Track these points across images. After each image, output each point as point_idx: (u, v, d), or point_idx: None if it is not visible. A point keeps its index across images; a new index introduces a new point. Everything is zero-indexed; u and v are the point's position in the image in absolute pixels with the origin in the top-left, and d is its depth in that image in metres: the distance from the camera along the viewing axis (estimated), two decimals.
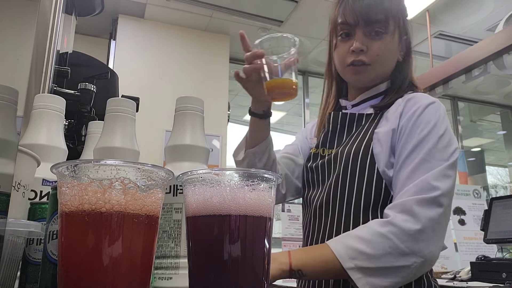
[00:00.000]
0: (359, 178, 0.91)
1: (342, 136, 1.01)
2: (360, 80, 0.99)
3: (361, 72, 0.96)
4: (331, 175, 0.97)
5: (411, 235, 0.79)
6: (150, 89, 3.71)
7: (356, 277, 0.78)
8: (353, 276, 0.78)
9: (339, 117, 1.02)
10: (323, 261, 0.82)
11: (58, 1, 1.17)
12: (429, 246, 0.80)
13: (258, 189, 0.47)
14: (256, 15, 3.89)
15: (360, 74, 0.97)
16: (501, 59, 2.56)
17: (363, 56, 0.94)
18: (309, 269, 0.82)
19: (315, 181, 1.03)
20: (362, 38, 0.94)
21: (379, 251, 0.79)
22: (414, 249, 0.79)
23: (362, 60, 0.95)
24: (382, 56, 0.95)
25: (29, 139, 0.71)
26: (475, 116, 6.23)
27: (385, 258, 0.79)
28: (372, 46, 0.94)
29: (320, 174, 1.01)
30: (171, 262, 0.57)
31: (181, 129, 0.65)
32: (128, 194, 0.41)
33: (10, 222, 0.50)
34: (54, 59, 1.15)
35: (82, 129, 1.19)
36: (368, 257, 0.79)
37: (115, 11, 3.84)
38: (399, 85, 0.99)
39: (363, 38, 0.94)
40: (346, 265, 0.79)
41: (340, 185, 0.94)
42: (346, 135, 1.00)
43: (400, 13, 0.97)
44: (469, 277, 2.08)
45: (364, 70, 0.96)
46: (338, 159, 0.95)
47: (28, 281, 0.56)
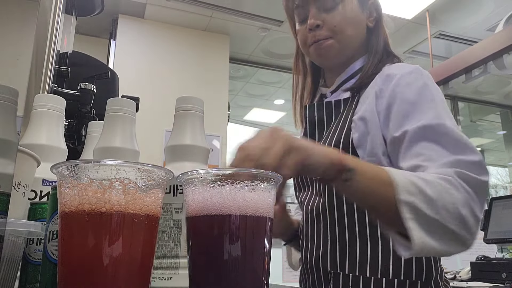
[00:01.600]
0: None
1: (323, 129, 0.93)
2: (326, 57, 0.93)
3: (323, 48, 0.91)
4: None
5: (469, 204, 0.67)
6: (150, 89, 3.71)
7: (407, 216, 0.62)
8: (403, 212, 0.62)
9: (315, 109, 0.95)
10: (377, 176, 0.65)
11: (58, 1, 1.17)
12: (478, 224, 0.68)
13: (258, 189, 0.47)
14: (256, 15, 3.89)
15: (324, 50, 0.91)
16: (501, 59, 2.56)
17: (321, 31, 0.90)
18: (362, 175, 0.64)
19: (305, 182, 0.96)
20: (315, 14, 0.91)
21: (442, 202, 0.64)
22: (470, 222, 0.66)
23: (321, 35, 0.90)
24: (340, 25, 0.90)
25: (29, 139, 0.71)
26: (475, 116, 6.23)
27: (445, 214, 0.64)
28: (327, 19, 0.90)
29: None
30: (171, 262, 0.57)
31: (181, 129, 0.65)
32: (128, 194, 0.41)
33: (10, 222, 0.50)
34: (54, 59, 1.15)
35: (82, 129, 1.19)
36: (427, 201, 0.64)
37: (115, 11, 3.84)
38: (373, 53, 0.92)
39: (316, 14, 0.91)
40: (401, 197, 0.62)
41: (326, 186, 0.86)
42: (326, 127, 0.92)
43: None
44: (469, 277, 2.08)
45: (326, 46, 0.91)
46: None
47: (28, 281, 0.56)
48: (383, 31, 0.96)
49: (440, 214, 0.64)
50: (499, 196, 2.33)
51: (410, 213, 0.62)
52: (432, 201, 0.64)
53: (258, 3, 3.73)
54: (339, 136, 0.85)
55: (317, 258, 0.88)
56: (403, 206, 0.62)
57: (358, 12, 0.92)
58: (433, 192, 0.64)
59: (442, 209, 0.64)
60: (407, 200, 0.63)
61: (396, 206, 0.63)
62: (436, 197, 0.64)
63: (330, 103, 0.93)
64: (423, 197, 0.64)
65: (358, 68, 0.94)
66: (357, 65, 0.94)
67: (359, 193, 0.66)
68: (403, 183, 0.64)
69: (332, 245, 0.85)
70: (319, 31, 0.90)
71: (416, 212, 0.63)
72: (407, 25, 3.99)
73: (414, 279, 0.80)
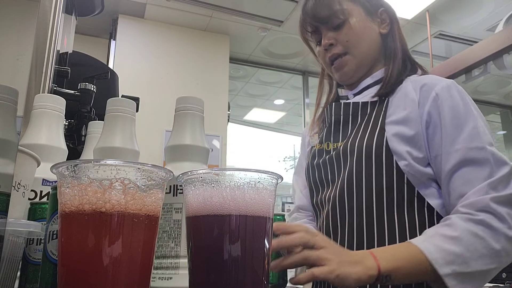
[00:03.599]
0: (377, 174, 0.85)
1: (347, 128, 0.95)
2: (346, 73, 0.97)
3: (341, 65, 0.95)
4: (341, 172, 0.91)
5: (503, 233, 0.74)
6: (150, 89, 3.71)
7: (452, 283, 0.70)
8: (449, 283, 0.70)
9: (341, 108, 0.96)
10: (414, 264, 0.72)
11: (58, 1, 1.16)
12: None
13: (258, 189, 0.47)
14: (256, 15, 3.88)
15: (342, 67, 0.96)
16: (501, 59, 2.56)
17: (336, 49, 0.95)
18: (399, 274, 0.71)
19: (324, 180, 0.96)
20: (328, 34, 0.95)
21: (475, 253, 0.72)
22: (508, 250, 0.74)
23: (336, 53, 0.95)
24: (352, 39, 0.94)
25: (29, 139, 0.71)
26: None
27: (481, 261, 0.72)
28: (338, 36, 0.94)
29: (329, 171, 0.94)
30: (171, 262, 0.57)
31: (181, 129, 0.65)
32: (128, 194, 0.41)
33: (10, 222, 0.50)
34: (54, 59, 1.15)
35: (82, 129, 1.19)
36: (464, 261, 0.71)
37: (115, 11, 3.84)
38: (392, 57, 0.96)
39: (329, 34, 0.95)
40: (443, 271, 0.70)
41: (356, 183, 0.87)
42: (351, 127, 0.94)
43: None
44: None
45: (343, 62, 0.95)
46: (348, 153, 0.89)
47: (28, 281, 0.56)
48: (400, 36, 0.99)
49: (478, 265, 0.72)
50: None
51: (454, 281, 0.71)
52: (467, 259, 0.72)
53: (258, 3, 3.73)
54: (371, 136, 0.88)
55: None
56: (446, 278, 0.70)
57: (367, 22, 0.96)
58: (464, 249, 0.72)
59: (479, 260, 0.72)
60: (449, 272, 0.71)
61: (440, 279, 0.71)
62: (470, 253, 0.72)
63: (357, 104, 0.95)
64: (459, 259, 0.71)
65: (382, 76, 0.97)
66: (381, 72, 0.98)
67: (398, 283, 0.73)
68: (438, 257, 0.71)
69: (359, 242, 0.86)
70: (334, 49, 0.95)
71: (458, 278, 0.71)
72: (407, 25, 3.99)
73: None
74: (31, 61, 1.07)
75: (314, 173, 0.99)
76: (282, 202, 3.55)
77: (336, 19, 0.94)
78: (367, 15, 0.96)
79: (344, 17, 0.94)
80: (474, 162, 0.79)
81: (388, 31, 0.98)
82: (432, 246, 0.72)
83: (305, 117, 4.98)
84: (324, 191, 0.96)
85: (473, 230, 0.73)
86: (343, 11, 0.94)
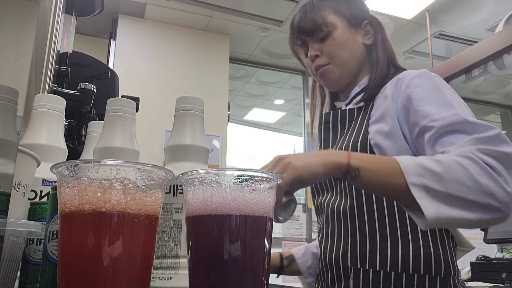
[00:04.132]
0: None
1: (337, 133, 1.02)
2: (329, 80, 1.03)
3: (325, 73, 1.02)
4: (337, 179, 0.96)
5: (490, 173, 0.70)
6: (150, 89, 3.71)
7: (418, 195, 0.68)
8: (415, 193, 0.68)
9: (330, 116, 1.05)
10: (385, 168, 0.72)
11: (58, 1, 1.16)
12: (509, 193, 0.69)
13: (258, 189, 0.47)
14: (256, 15, 3.88)
15: (326, 74, 1.02)
16: (501, 59, 2.56)
17: (320, 59, 1.02)
18: (368, 171, 0.71)
19: (324, 187, 1.02)
20: (314, 46, 1.03)
21: (453, 177, 0.69)
22: (493, 190, 0.69)
23: (320, 64, 1.02)
24: (335, 51, 1.00)
25: (29, 139, 0.71)
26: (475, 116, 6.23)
27: (459, 187, 0.69)
28: (323, 48, 1.01)
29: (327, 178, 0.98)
30: (171, 262, 0.57)
31: (181, 129, 0.65)
32: (128, 194, 0.41)
33: (10, 222, 0.50)
34: (54, 59, 1.15)
35: (82, 129, 1.19)
36: (439, 179, 0.69)
37: (115, 11, 3.84)
38: (375, 67, 1.01)
39: (314, 46, 1.03)
40: (410, 180, 0.69)
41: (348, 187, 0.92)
42: (340, 132, 1.01)
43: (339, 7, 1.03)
44: (469, 277, 2.08)
45: (327, 70, 1.02)
46: None
47: (28, 281, 0.56)
48: (386, 45, 1.04)
49: (453, 188, 0.69)
50: None
51: (421, 193, 0.69)
52: (443, 179, 0.69)
53: (258, 3, 3.73)
54: (356, 138, 0.93)
55: (338, 255, 0.92)
56: (414, 188, 0.69)
57: (350, 34, 1.02)
58: (442, 169, 0.70)
59: (455, 184, 0.69)
60: (417, 182, 0.69)
61: (407, 190, 0.69)
62: (448, 174, 0.69)
63: (345, 111, 1.02)
64: (433, 176, 0.69)
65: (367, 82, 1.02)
66: (366, 79, 1.03)
67: (370, 186, 0.74)
68: (410, 167, 0.70)
69: (353, 243, 0.90)
70: (319, 59, 1.02)
71: (426, 191, 0.69)
72: (407, 25, 3.99)
73: (434, 274, 0.83)
74: (31, 61, 1.07)
75: None
76: None
77: (321, 32, 1.01)
78: (350, 27, 1.03)
79: (327, 30, 1.00)
80: (456, 130, 0.78)
81: (372, 42, 1.04)
82: (410, 160, 0.72)
83: (305, 117, 4.98)
84: (322, 196, 1.03)
85: (459, 160, 0.71)
86: (327, 24, 1.00)
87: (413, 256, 0.84)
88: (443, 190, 0.69)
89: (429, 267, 0.83)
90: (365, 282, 0.85)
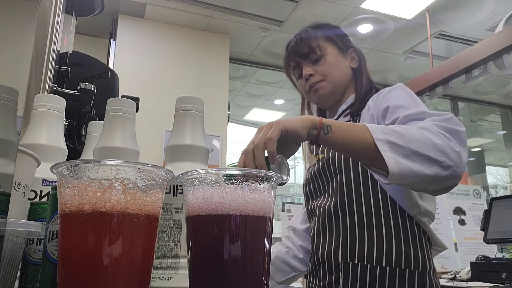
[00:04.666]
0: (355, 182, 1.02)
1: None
2: (322, 96, 1.16)
3: (319, 88, 1.15)
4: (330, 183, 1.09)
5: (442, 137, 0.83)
6: (150, 89, 3.71)
7: (383, 148, 0.80)
8: (380, 147, 0.80)
9: None
10: (353, 127, 0.84)
11: (58, 1, 1.16)
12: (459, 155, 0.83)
13: (258, 189, 0.47)
14: (256, 15, 3.88)
15: (320, 90, 1.15)
16: (501, 59, 2.56)
17: (314, 78, 1.15)
18: (338, 128, 0.83)
19: (317, 191, 1.14)
20: (308, 67, 1.16)
21: (413, 136, 0.82)
22: (446, 149, 0.82)
23: (315, 81, 1.15)
24: (327, 70, 1.14)
25: (29, 139, 0.71)
26: (475, 116, 6.23)
27: (417, 144, 0.81)
28: (317, 68, 1.15)
29: (320, 182, 1.13)
30: (171, 262, 0.57)
31: (181, 129, 0.65)
32: (128, 194, 0.41)
33: (10, 222, 0.50)
34: (54, 59, 1.15)
35: (82, 129, 1.18)
36: (400, 136, 0.81)
37: (115, 11, 3.84)
38: (360, 87, 1.17)
39: (308, 67, 1.16)
40: (376, 135, 0.81)
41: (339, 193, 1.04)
42: None
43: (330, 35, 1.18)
44: (469, 277, 2.08)
45: (321, 86, 1.15)
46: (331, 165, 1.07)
47: (28, 281, 0.56)
48: (366, 70, 1.21)
49: (412, 144, 0.81)
50: (499, 196, 2.33)
51: (385, 146, 0.80)
52: (403, 135, 0.82)
53: (258, 3, 3.73)
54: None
55: (329, 251, 1.04)
56: (379, 142, 0.81)
57: (340, 58, 1.17)
58: (404, 130, 0.83)
59: (414, 141, 0.81)
60: (381, 138, 0.81)
61: (373, 145, 0.81)
62: (407, 133, 0.82)
63: None
64: (395, 133, 0.82)
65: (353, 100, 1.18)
66: (352, 98, 1.18)
67: (340, 142, 0.83)
68: (375, 127, 0.83)
69: (344, 240, 1.02)
70: (313, 78, 1.15)
71: (390, 145, 0.81)
72: (407, 25, 3.99)
73: (412, 269, 0.97)
74: (31, 61, 1.07)
75: (309, 185, 1.18)
76: (282, 202, 3.55)
77: (314, 55, 1.15)
78: (339, 52, 1.18)
79: (320, 53, 1.15)
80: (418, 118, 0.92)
81: (357, 66, 1.20)
82: (376, 125, 0.86)
83: None
84: (315, 200, 1.15)
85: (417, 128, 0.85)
86: (320, 48, 1.15)
87: (395, 253, 0.97)
88: (404, 145, 0.80)
89: (408, 262, 0.97)
90: (353, 275, 0.97)
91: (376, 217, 0.99)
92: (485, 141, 6.86)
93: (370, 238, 0.99)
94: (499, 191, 6.60)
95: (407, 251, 0.97)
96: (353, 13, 3.79)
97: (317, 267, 1.08)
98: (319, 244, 1.07)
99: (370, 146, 0.81)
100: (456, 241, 3.10)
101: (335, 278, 1.01)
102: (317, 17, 3.87)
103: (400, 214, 0.99)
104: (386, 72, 5.00)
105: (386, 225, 0.99)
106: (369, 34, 4.16)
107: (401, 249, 0.97)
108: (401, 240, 0.98)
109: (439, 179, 0.82)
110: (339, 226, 1.03)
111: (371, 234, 0.99)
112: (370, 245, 0.98)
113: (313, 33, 1.17)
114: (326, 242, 1.05)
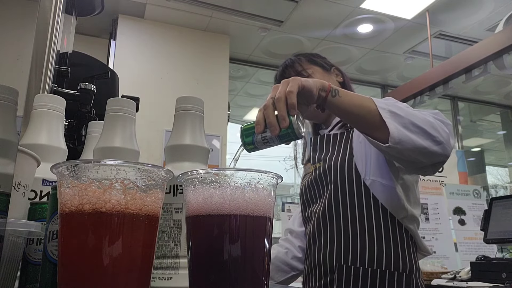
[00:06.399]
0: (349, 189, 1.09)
1: (322, 152, 1.20)
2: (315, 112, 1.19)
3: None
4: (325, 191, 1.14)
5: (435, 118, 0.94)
6: (150, 89, 3.71)
7: (385, 115, 0.89)
8: (383, 113, 0.89)
9: (318, 139, 1.24)
10: (358, 96, 0.93)
11: (58, 1, 1.16)
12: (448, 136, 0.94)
13: (258, 189, 0.47)
14: (256, 15, 3.88)
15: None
16: (501, 59, 2.56)
17: None
18: (345, 93, 0.91)
19: (313, 197, 1.20)
20: None
21: (412, 111, 0.93)
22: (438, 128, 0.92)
23: None
24: None
25: (29, 139, 0.71)
26: (475, 116, 6.23)
27: (415, 118, 0.91)
28: None
29: (316, 189, 1.18)
30: (171, 262, 0.57)
31: (181, 129, 0.65)
32: (128, 194, 0.41)
33: (10, 222, 0.50)
34: (54, 59, 1.15)
35: (82, 129, 1.19)
36: (400, 109, 0.91)
37: (115, 11, 3.84)
38: None
39: None
40: (379, 105, 0.90)
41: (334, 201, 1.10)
42: (325, 152, 1.20)
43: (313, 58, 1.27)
44: (469, 277, 2.08)
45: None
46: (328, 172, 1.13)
47: (28, 281, 0.56)
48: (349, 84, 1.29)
49: (411, 117, 0.91)
50: (499, 196, 2.33)
51: (387, 114, 0.90)
52: (403, 109, 0.92)
53: (258, 3, 3.73)
54: (342, 158, 1.13)
55: (325, 254, 1.10)
56: (382, 110, 0.90)
57: (326, 76, 1.25)
58: (404, 106, 0.94)
59: (412, 115, 0.91)
60: (384, 107, 0.91)
61: (376, 112, 0.90)
62: (407, 108, 0.94)
63: (330, 135, 1.23)
64: (396, 107, 0.92)
65: None
66: None
67: (346, 105, 0.91)
68: (379, 100, 0.93)
69: (338, 244, 1.08)
70: None
71: (391, 114, 0.90)
72: (407, 25, 3.99)
73: (401, 271, 1.05)
74: (31, 61, 1.07)
75: (305, 193, 1.23)
76: (282, 202, 3.55)
77: (302, 76, 1.18)
78: (324, 70, 1.26)
79: (307, 74, 1.21)
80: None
81: (343, 80, 1.28)
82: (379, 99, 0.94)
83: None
84: (312, 207, 1.20)
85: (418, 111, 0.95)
86: (306, 70, 1.22)
87: (385, 256, 1.05)
88: (404, 115, 0.90)
89: (397, 265, 1.05)
90: (347, 276, 1.04)
91: (368, 223, 1.07)
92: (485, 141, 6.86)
93: (363, 243, 1.06)
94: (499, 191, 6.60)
95: (396, 254, 1.05)
96: (353, 13, 3.79)
97: (313, 270, 1.14)
98: (315, 248, 1.13)
99: (373, 113, 0.90)
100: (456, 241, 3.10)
101: (330, 280, 1.07)
102: (317, 17, 3.87)
103: (391, 220, 1.07)
104: (386, 72, 5.00)
105: (377, 230, 1.07)
106: (369, 34, 4.16)
107: (390, 253, 1.05)
108: (390, 244, 1.06)
109: (431, 153, 0.91)
110: (333, 231, 1.09)
111: (363, 239, 1.07)
112: (362, 249, 1.06)
113: (297, 60, 1.27)
114: (321, 246, 1.12)
